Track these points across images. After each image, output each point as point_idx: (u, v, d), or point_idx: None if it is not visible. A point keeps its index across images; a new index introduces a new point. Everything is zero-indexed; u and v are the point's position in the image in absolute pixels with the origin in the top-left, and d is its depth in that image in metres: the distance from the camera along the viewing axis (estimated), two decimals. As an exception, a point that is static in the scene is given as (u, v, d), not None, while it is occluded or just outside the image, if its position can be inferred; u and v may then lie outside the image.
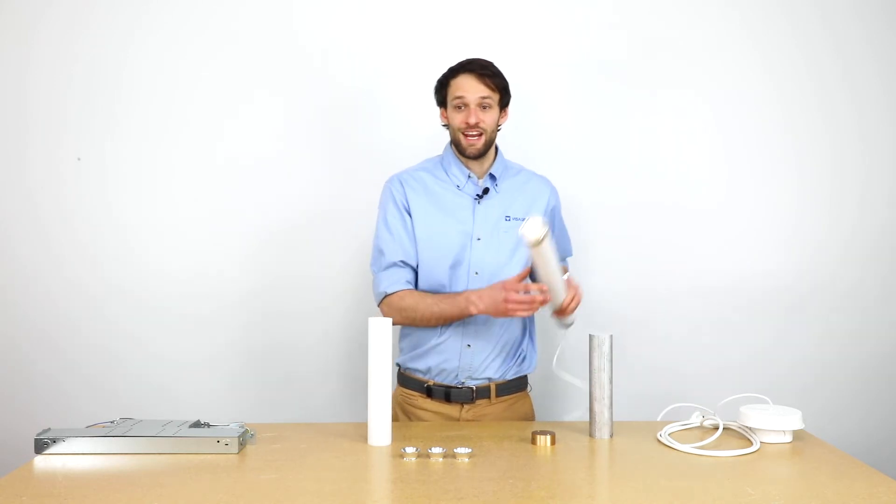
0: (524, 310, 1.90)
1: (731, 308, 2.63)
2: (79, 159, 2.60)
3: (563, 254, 2.25)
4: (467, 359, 2.07)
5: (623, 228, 2.62)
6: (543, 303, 1.92)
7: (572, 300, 1.99)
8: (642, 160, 2.62)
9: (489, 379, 2.10)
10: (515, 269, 2.08)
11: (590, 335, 1.89)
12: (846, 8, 2.62)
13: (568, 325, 2.10)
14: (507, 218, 2.10)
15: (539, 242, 1.75)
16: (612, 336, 1.89)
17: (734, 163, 2.63)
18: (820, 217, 2.64)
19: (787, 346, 2.64)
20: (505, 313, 1.92)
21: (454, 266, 2.06)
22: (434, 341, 2.08)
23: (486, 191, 2.10)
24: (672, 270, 2.63)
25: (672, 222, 2.63)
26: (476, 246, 2.07)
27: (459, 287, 2.06)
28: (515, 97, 2.57)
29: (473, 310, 1.96)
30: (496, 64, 2.08)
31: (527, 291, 1.90)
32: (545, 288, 1.90)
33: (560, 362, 2.06)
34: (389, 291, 2.06)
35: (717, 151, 2.63)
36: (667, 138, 2.62)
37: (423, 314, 2.03)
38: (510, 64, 2.54)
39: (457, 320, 2.03)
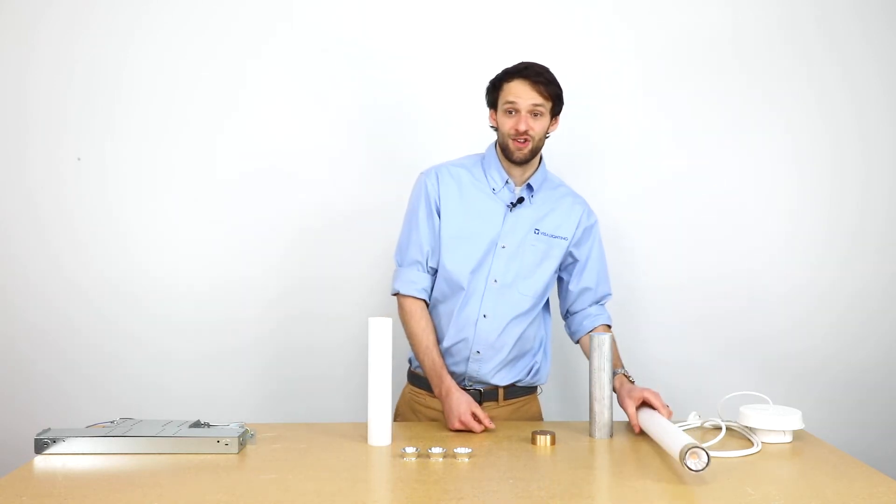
0: (461, 429, 1.91)
1: (731, 308, 2.63)
2: (79, 159, 2.59)
3: (600, 295, 2.17)
4: (475, 366, 2.06)
5: (622, 228, 2.62)
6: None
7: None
8: (641, 160, 2.62)
9: (494, 387, 2.10)
10: (537, 283, 2.07)
11: (590, 335, 1.89)
12: (846, 8, 2.62)
13: None
14: (537, 231, 2.07)
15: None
16: (612, 336, 1.89)
17: (734, 162, 2.63)
18: (820, 217, 2.64)
19: (787, 346, 2.63)
20: (449, 418, 1.93)
21: (475, 270, 2.04)
22: (443, 345, 2.07)
23: (520, 200, 2.07)
24: (672, 270, 2.63)
25: (671, 222, 2.63)
26: (499, 254, 2.05)
27: (477, 291, 2.04)
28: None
29: (437, 392, 2.00)
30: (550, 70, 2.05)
31: (479, 420, 1.91)
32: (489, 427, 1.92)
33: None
34: (403, 292, 2.08)
35: (716, 151, 2.63)
36: (666, 138, 2.62)
37: (415, 344, 2.06)
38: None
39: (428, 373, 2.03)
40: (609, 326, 2.16)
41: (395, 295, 2.10)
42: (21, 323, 2.59)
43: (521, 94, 1.98)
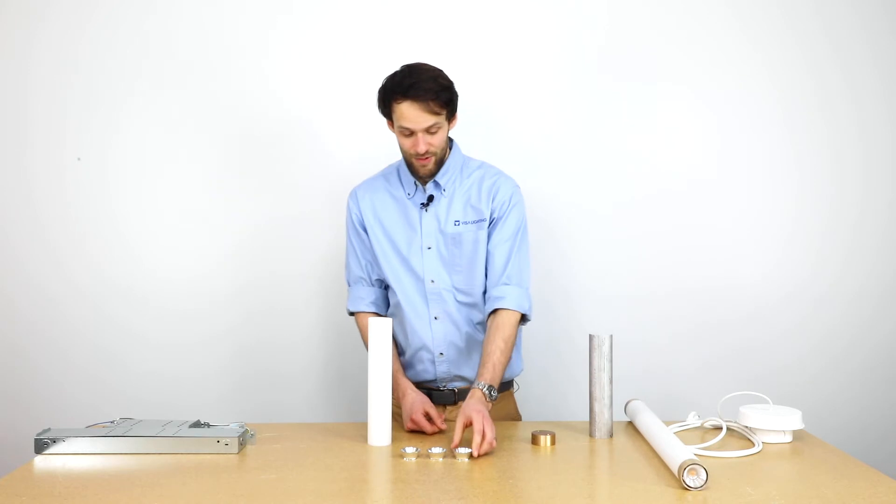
0: (413, 429, 1.91)
1: (730, 308, 2.63)
2: (79, 159, 2.60)
3: (502, 275, 2.00)
4: (443, 367, 2.07)
5: (621, 230, 2.61)
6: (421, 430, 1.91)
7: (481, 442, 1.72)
8: (641, 162, 2.62)
9: (468, 380, 2.08)
10: (474, 273, 2.02)
11: (590, 335, 1.89)
12: (846, 7, 2.62)
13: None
14: (457, 223, 2.03)
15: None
16: (612, 336, 1.89)
17: (733, 163, 2.63)
18: (819, 217, 2.64)
19: (788, 346, 2.63)
20: (403, 419, 1.95)
21: (411, 277, 2.05)
22: (408, 354, 2.09)
23: (430, 198, 2.04)
24: (670, 271, 2.62)
25: (670, 223, 2.62)
26: (427, 255, 2.04)
27: (420, 296, 2.04)
28: (504, 98, 2.58)
29: (395, 396, 1.99)
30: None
31: (430, 421, 1.90)
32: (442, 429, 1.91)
33: None
34: (351, 309, 2.14)
35: (716, 152, 2.63)
36: (665, 139, 2.62)
37: None
38: (493, 64, 2.56)
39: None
40: (516, 312, 1.97)
41: (351, 315, 2.16)
42: (21, 323, 2.60)
43: (413, 118, 1.89)
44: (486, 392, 1.86)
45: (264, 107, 2.60)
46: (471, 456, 1.69)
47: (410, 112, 1.89)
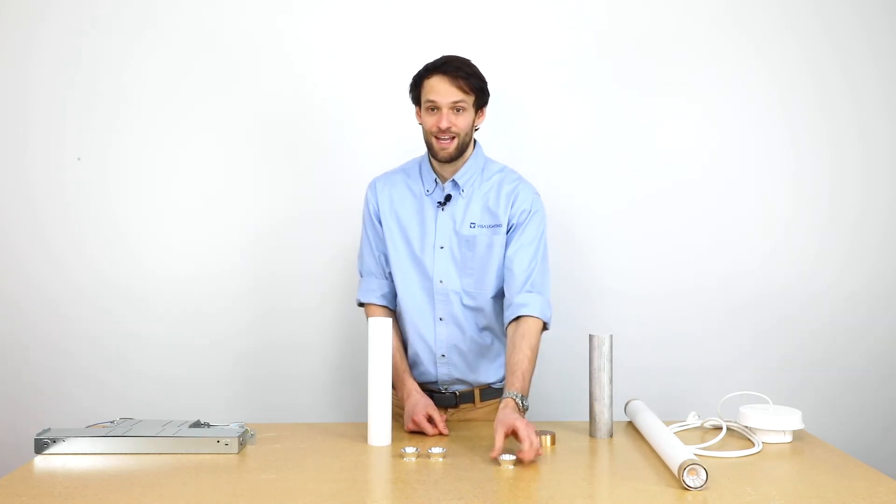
0: (413, 430, 1.90)
1: (730, 308, 2.63)
2: (79, 159, 2.60)
3: (522, 282, 1.96)
4: (444, 369, 2.06)
5: (621, 230, 2.61)
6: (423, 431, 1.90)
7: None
8: (641, 162, 2.61)
9: (470, 384, 2.08)
10: (484, 277, 2.02)
11: (590, 335, 1.89)
12: (846, 7, 2.62)
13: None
14: (473, 225, 2.02)
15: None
16: (612, 336, 1.89)
17: (733, 163, 2.63)
18: (820, 217, 2.64)
19: (787, 346, 2.63)
20: (405, 419, 1.94)
21: (420, 275, 2.04)
22: (410, 353, 2.09)
23: (448, 198, 2.04)
24: (670, 271, 2.62)
25: (670, 223, 2.62)
26: (439, 255, 2.03)
27: (427, 295, 2.03)
28: (510, 98, 2.58)
29: (400, 395, 2.01)
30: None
31: (432, 422, 1.90)
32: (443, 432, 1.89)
33: None
34: (362, 300, 2.13)
35: (716, 152, 2.63)
36: (667, 139, 2.62)
37: None
38: (501, 64, 2.56)
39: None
40: (539, 320, 1.94)
41: (360, 306, 2.15)
42: (21, 323, 2.59)
43: (441, 90, 1.93)
44: (519, 402, 1.81)
45: (268, 106, 2.60)
46: (516, 462, 1.64)
47: (439, 85, 1.93)
